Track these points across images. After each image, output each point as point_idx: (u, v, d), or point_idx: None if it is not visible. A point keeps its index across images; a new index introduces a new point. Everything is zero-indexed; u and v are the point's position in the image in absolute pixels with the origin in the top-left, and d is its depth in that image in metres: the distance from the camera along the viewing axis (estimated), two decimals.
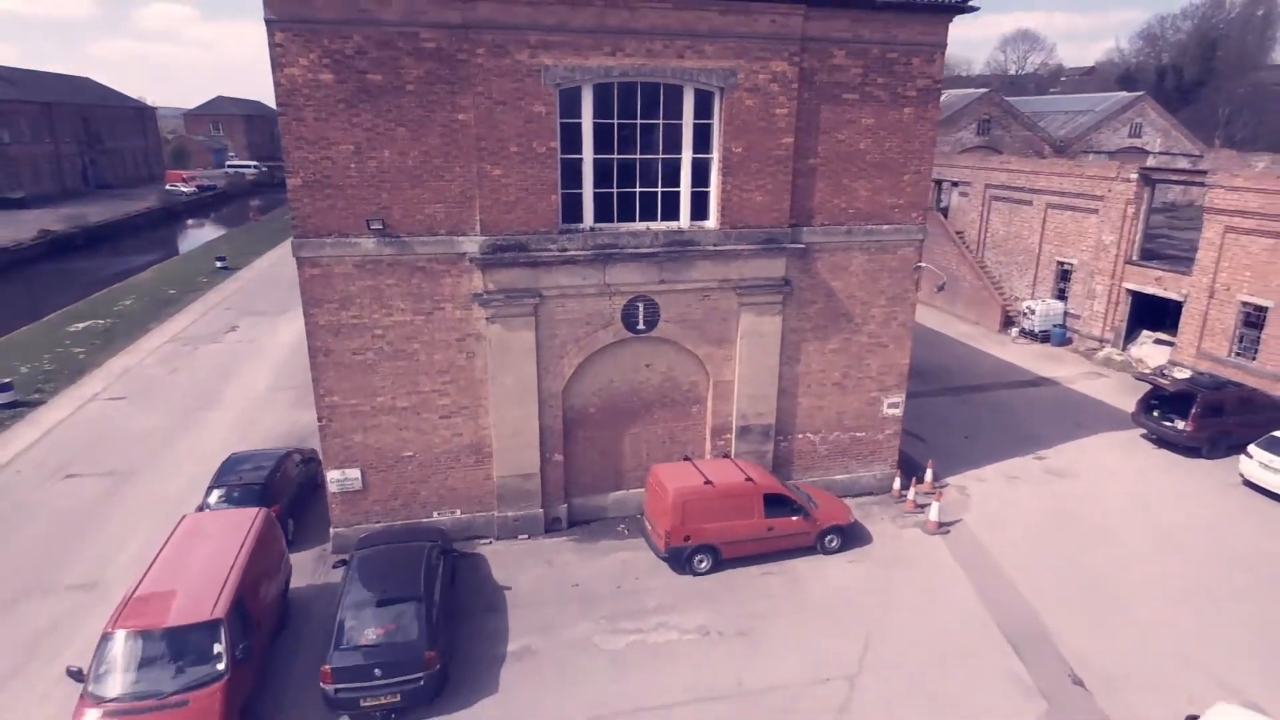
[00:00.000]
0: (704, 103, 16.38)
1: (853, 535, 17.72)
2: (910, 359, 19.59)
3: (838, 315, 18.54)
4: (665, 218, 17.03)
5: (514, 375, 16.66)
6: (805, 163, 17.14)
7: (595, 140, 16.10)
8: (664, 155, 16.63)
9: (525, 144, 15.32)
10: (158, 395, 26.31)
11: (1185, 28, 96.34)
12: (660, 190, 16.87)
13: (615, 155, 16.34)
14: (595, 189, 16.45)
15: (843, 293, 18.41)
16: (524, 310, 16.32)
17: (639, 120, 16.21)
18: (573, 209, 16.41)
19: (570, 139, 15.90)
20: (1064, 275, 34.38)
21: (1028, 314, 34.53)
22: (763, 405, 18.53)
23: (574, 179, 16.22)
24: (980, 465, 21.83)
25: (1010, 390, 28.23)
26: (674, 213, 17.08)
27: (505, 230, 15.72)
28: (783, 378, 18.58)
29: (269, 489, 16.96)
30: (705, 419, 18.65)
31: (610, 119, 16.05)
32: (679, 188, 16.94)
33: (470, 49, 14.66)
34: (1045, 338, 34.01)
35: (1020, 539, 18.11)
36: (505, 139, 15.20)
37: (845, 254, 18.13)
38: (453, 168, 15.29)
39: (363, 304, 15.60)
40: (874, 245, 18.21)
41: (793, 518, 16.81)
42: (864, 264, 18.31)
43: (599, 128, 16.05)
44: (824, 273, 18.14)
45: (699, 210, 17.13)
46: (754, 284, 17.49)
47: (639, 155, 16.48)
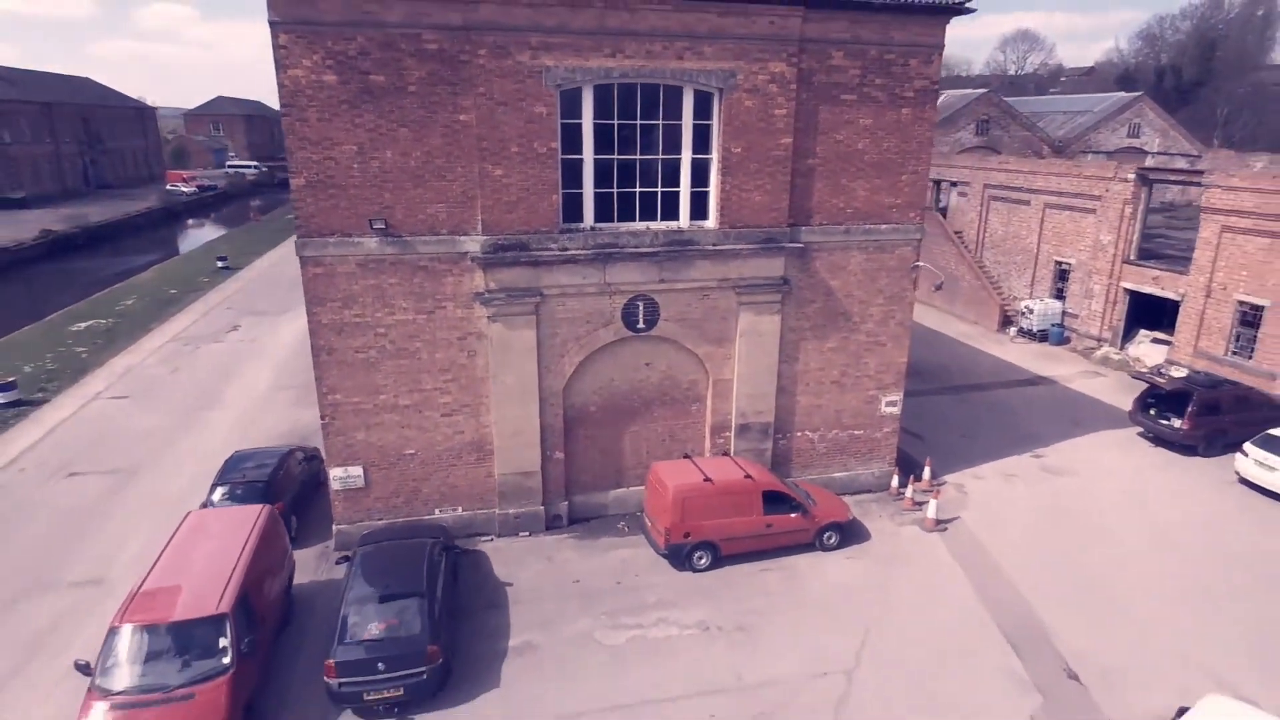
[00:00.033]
0: (703, 103, 16.51)
1: (851, 532, 17.86)
2: (908, 358, 19.72)
3: (836, 314, 18.68)
4: (665, 217, 17.17)
5: (515, 374, 16.80)
6: (804, 163, 17.28)
7: (595, 140, 16.23)
8: (664, 155, 16.76)
9: (526, 144, 15.46)
10: (160, 394, 26.44)
11: (1184, 28, 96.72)
12: (660, 190, 17.00)
13: (615, 155, 16.47)
14: (595, 189, 16.58)
15: (841, 292, 18.54)
16: (525, 309, 16.45)
17: (639, 121, 16.35)
18: (573, 209, 16.54)
19: (571, 139, 16.04)
20: (1062, 275, 34.52)
21: (1026, 313, 34.68)
22: (762, 403, 18.67)
23: (574, 179, 16.36)
24: (978, 463, 21.96)
25: (1008, 389, 28.36)
26: (674, 212, 17.22)
27: (506, 230, 15.86)
28: (781, 376, 18.71)
29: (272, 486, 17.08)
30: (705, 417, 18.78)
31: (610, 119, 16.18)
32: (679, 188, 17.07)
33: (472, 50, 14.79)
34: (1043, 337, 34.15)
35: (1018, 536, 18.24)
36: (506, 139, 15.34)
37: (843, 253, 18.26)
38: (454, 168, 15.42)
39: (365, 303, 15.73)
40: (872, 245, 18.34)
41: (791, 515, 16.94)
42: (862, 263, 18.44)
43: (599, 128, 16.17)
44: (822, 272, 18.27)
45: (698, 210, 17.27)
46: (753, 283, 17.62)
47: (639, 155, 16.61)
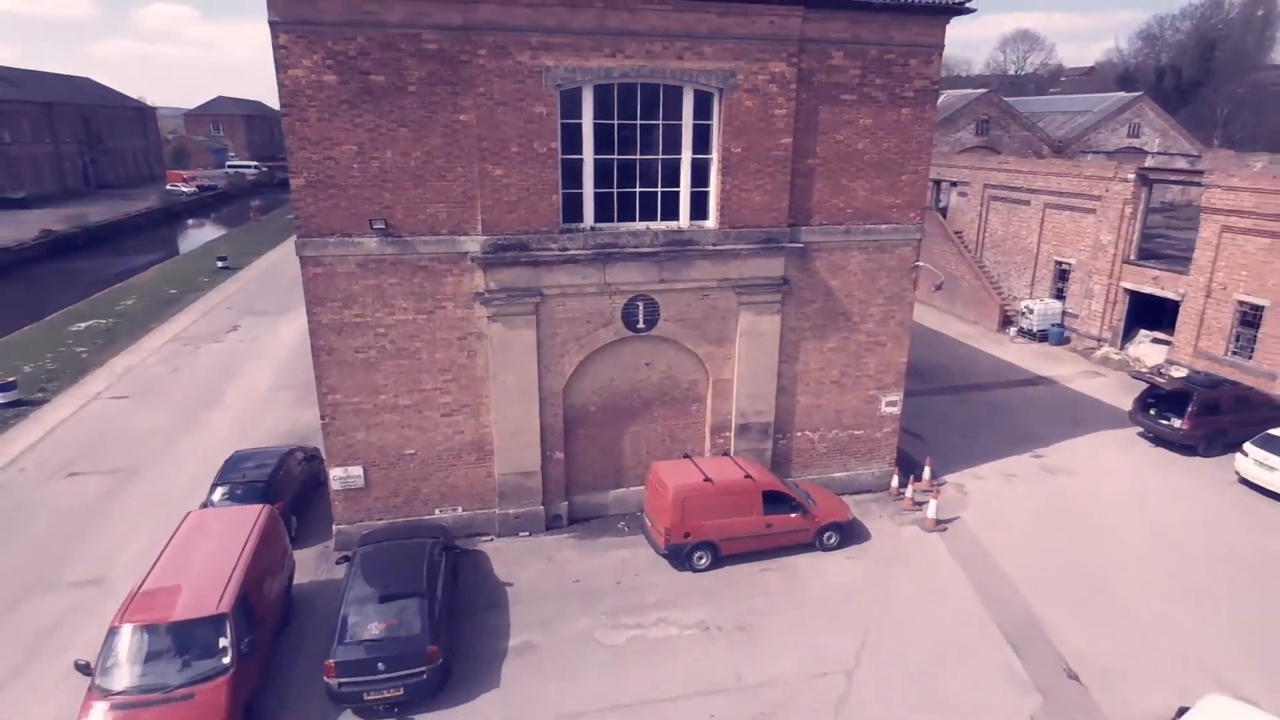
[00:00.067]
0: (703, 103, 16.52)
1: (851, 532, 17.86)
2: (908, 358, 19.73)
3: (836, 314, 18.68)
4: (665, 217, 17.17)
5: (515, 373, 16.80)
6: (804, 163, 17.28)
7: (595, 140, 16.23)
8: (664, 155, 16.77)
9: (526, 144, 15.47)
10: (160, 394, 26.45)
11: (1184, 28, 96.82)
12: (660, 190, 17.00)
13: (615, 155, 16.48)
14: (595, 189, 16.59)
15: (841, 292, 18.55)
16: (525, 309, 16.46)
17: (639, 121, 16.35)
18: (573, 209, 16.55)
19: (571, 139, 16.04)
20: (1062, 275, 34.52)
21: (1026, 313, 34.68)
22: (761, 403, 18.67)
23: (574, 179, 16.36)
24: (978, 463, 21.97)
25: (1008, 389, 28.37)
26: (674, 212, 17.22)
27: (506, 230, 15.86)
28: (781, 376, 18.72)
29: (272, 486, 17.08)
30: (705, 417, 18.78)
31: (610, 119, 16.18)
32: (679, 188, 17.08)
33: (472, 50, 14.79)
34: (1043, 337, 34.15)
35: (1017, 536, 18.24)
36: (506, 139, 15.35)
37: (843, 253, 18.27)
38: (454, 168, 15.43)
39: (365, 303, 15.74)
40: (872, 245, 18.35)
41: (791, 515, 16.95)
42: (862, 263, 18.45)
43: (599, 128, 16.18)
44: (822, 272, 18.28)
45: (698, 210, 17.27)
46: (753, 283, 17.63)
47: (639, 155, 16.62)
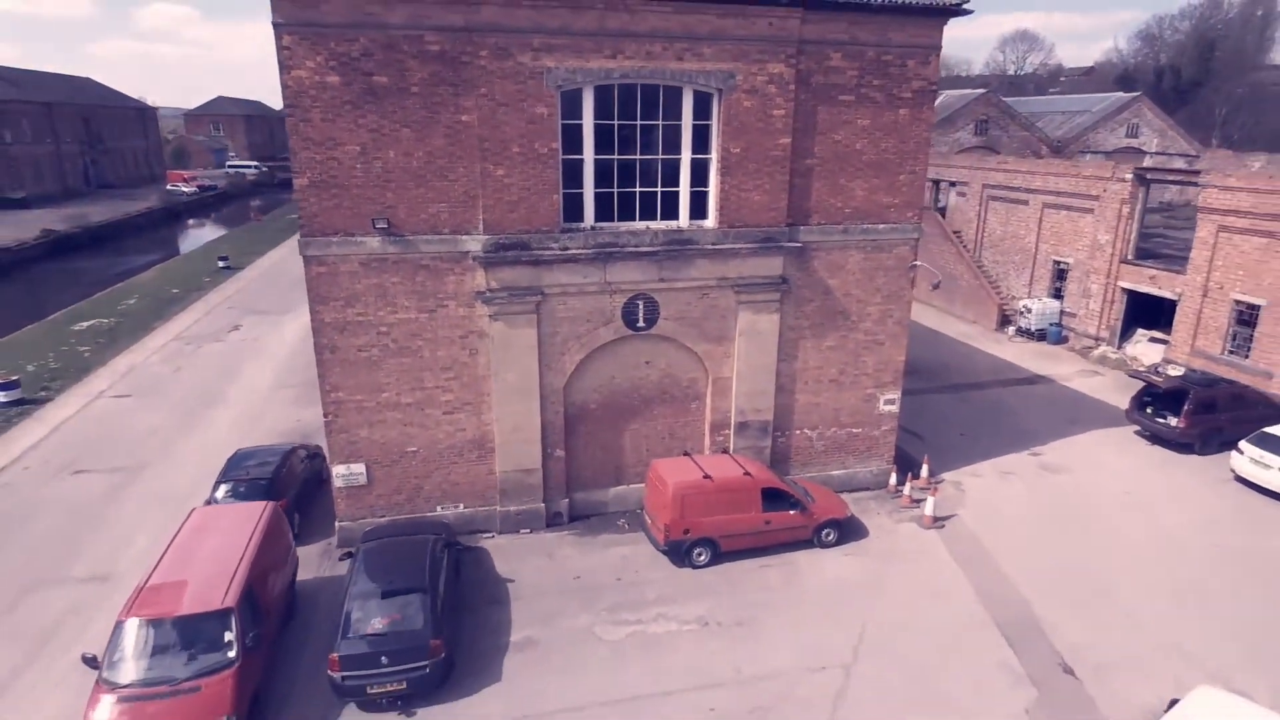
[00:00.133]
0: (703, 104, 16.66)
1: (849, 529, 18.01)
2: (906, 356, 19.87)
3: (834, 313, 18.83)
4: (665, 217, 17.32)
5: (516, 372, 16.95)
6: (802, 163, 17.43)
7: (596, 141, 16.38)
8: (663, 155, 16.91)
9: (527, 145, 15.61)
10: (162, 393, 26.59)
11: (1183, 28, 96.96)
12: (660, 190, 17.15)
13: (615, 156, 16.63)
14: (596, 189, 16.73)
15: (839, 291, 18.69)
16: (526, 308, 16.60)
17: (639, 121, 16.50)
18: (574, 208, 16.69)
19: (571, 140, 16.19)
20: (1060, 274, 34.66)
21: (1024, 313, 34.83)
22: (761, 402, 18.82)
23: (575, 179, 16.51)
24: (976, 461, 22.11)
25: (1006, 388, 28.52)
26: (673, 212, 17.37)
27: (508, 229, 16.01)
28: (780, 375, 18.86)
29: (275, 484, 17.21)
30: (704, 415, 18.93)
31: (611, 120, 16.33)
32: (678, 187, 17.22)
33: (474, 52, 14.94)
34: (1041, 336, 34.30)
35: (1014, 533, 18.38)
36: (508, 140, 15.49)
37: (842, 253, 18.41)
38: (456, 168, 15.57)
39: (368, 301, 15.88)
40: (870, 244, 18.49)
41: (790, 512, 17.09)
42: (860, 262, 18.59)
43: (600, 129, 16.33)
44: (821, 271, 18.42)
45: (698, 210, 17.42)
46: (752, 282, 17.77)
47: (639, 155, 16.77)
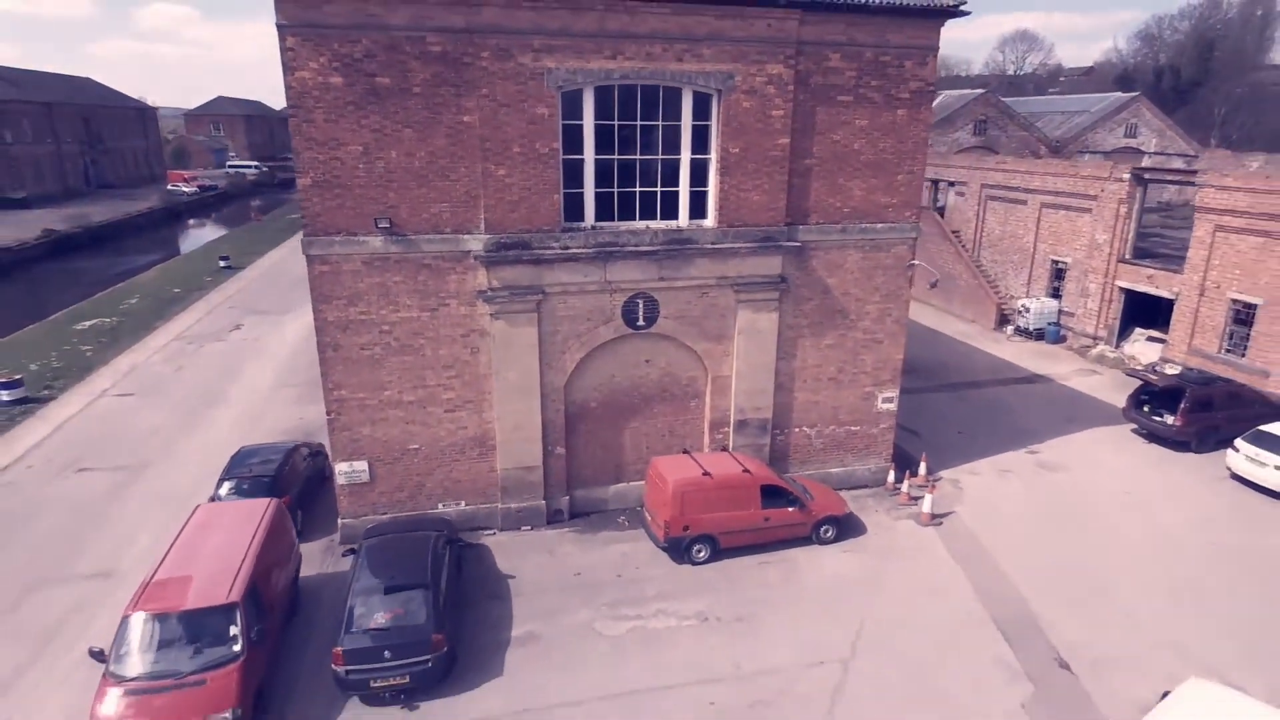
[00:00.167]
0: (702, 104, 16.80)
1: (848, 526, 18.14)
2: (904, 355, 20.01)
3: (833, 312, 18.97)
4: (664, 216, 17.46)
5: (517, 370, 17.08)
6: (801, 163, 17.56)
7: (596, 141, 16.51)
8: (663, 155, 17.05)
9: (528, 145, 15.75)
10: (164, 392, 26.73)
11: (1183, 28, 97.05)
12: (659, 190, 17.28)
13: (616, 155, 16.76)
14: (596, 188, 16.87)
15: (838, 290, 18.83)
16: (527, 306, 16.74)
17: (639, 121, 16.63)
18: (574, 208, 16.83)
19: (572, 140, 16.33)
20: (1058, 274, 34.80)
21: (1023, 312, 34.97)
22: (760, 400, 18.95)
23: (576, 179, 16.64)
24: (973, 459, 22.24)
25: (1004, 387, 28.65)
26: (673, 212, 17.50)
27: (509, 229, 16.14)
28: (779, 373, 19.00)
29: (278, 481, 17.34)
30: (704, 413, 19.06)
31: (611, 120, 16.46)
32: (678, 187, 17.36)
33: (475, 53, 15.08)
34: (1040, 335, 34.44)
35: (1012, 531, 18.52)
36: (509, 140, 15.63)
37: (840, 252, 18.55)
38: (458, 168, 15.71)
39: (370, 300, 16.01)
40: (868, 243, 18.63)
41: (789, 509, 17.22)
42: (859, 261, 18.73)
43: (600, 129, 16.46)
44: (819, 270, 18.56)
45: (697, 209, 17.55)
46: (751, 281, 17.91)
47: (639, 155, 16.90)
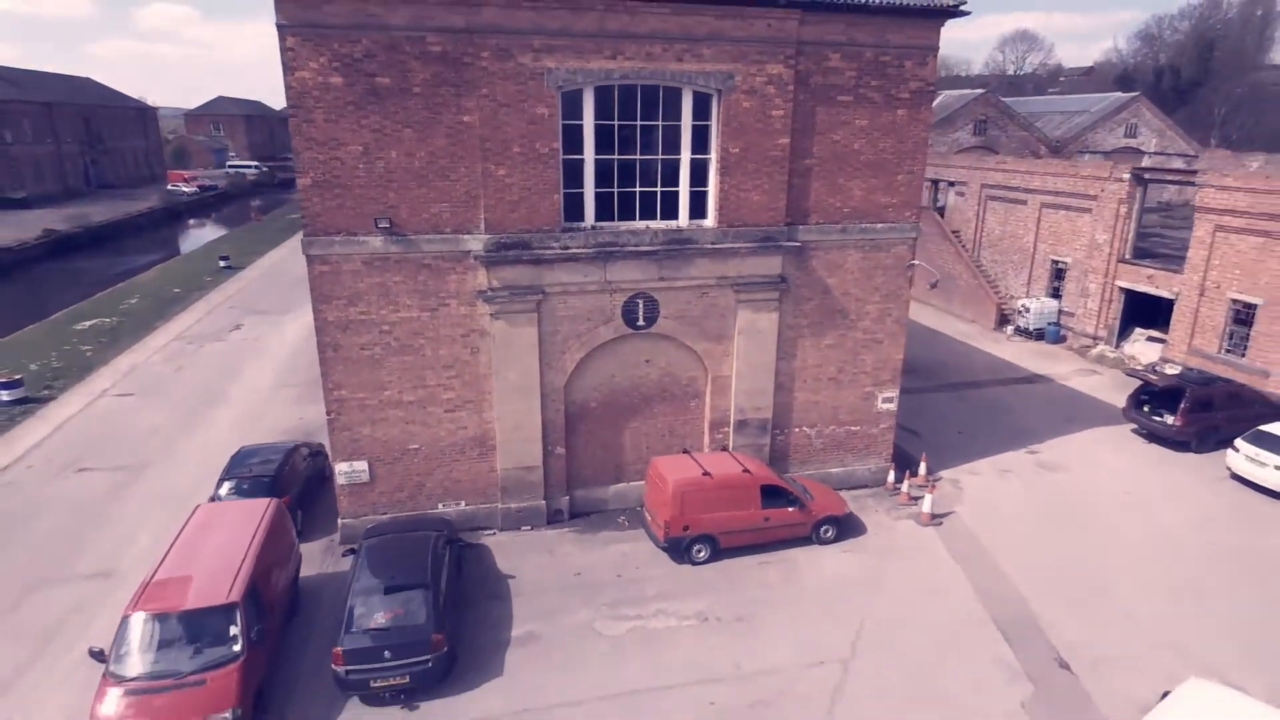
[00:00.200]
0: (702, 104, 16.80)
1: (848, 526, 18.15)
2: (904, 355, 20.01)
3: (833, 312, 18.97)
4: (664, 216, 17.46)
5: (517, 370, 17.08)
6: (801, 163, 17.56)
7: (596, 141, 16.52)
8: (663, 155, 17.05)
9: (528, 145, 15.75)
10: (164, 392, 26.73)
11: (1183, 28, 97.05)
12: (659, 190, 17.28)
13: (616, 155, 16.76)
14: (596, 188, 16.87)
15: (838, 290, 18.83)
16: (527, 306, 16.74)
17: (639, 121, 16.64)
18: (574, 208, 16.83)
19: (572, 140, 16.33)
20: (1058, 274, 34.80)
21: (1023, 312, 34.97)
22: (760, 400, 18.95)
23: (576, 179, 16.64)
24: (973, 459, 22.25)
25: (1004, 386, 28.65)
26: (673, 212, 17.50)
27: (509, 229, 16.15)
28: (779, 373, 19.00)
29: (278, 481, 17.34)
30: (704, 413, 19.06)
31: (611, 120, 16.47)
32: (678, 187, 17.36)
33: (475, 53, 15.08)
34: (1040, 335, 34.44)
35: (1012, 531, 18.52)
36: (509, 140, 15.63)
37: (840, 252, 18.55)
38: (458, 168, 15.71)
39: (370, 300, 16.01)
40: (868, 243, 18.63)
41: (789, 509, 17.22)
42: (859, 261, 18.73)
43: (600, 129, 16.46)
44: (819, 270, 18.56)
45: (697, 209, 17.56)
46: (751, 281, 17.91)
47: (639, 155, 16.90)
